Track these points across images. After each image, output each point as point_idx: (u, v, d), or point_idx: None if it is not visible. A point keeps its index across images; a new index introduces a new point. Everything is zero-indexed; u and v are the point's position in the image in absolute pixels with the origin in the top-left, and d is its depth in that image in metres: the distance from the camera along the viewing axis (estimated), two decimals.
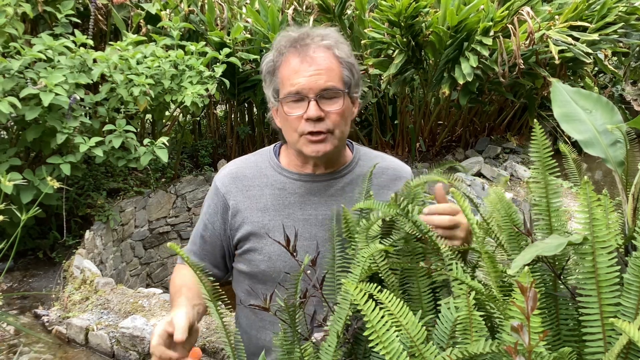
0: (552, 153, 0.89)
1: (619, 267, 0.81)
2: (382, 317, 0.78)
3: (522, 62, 4.46)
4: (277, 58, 1.26)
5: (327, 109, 1.23)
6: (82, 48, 3.32)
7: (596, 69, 6.32)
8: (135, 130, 3.45)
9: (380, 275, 1.03)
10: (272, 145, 1.44)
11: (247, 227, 1.33)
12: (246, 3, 5.30)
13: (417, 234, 1.06)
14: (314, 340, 0.98)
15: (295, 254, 1.04)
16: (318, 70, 1.21)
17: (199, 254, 1.40)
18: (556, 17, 4.96)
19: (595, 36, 4.76)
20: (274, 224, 1.31)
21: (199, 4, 4.93)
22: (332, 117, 1.24)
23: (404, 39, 4.42)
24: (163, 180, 4.76)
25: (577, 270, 0.89)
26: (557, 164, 0.89)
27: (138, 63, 3.49)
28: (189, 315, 1.13)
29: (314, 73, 1.21)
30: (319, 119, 1.22)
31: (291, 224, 1.29)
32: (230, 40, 4.43)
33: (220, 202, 1.36)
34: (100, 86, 3.59)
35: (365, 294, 0.80)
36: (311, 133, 1.23)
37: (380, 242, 1.05)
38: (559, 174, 0.89)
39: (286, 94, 1.23)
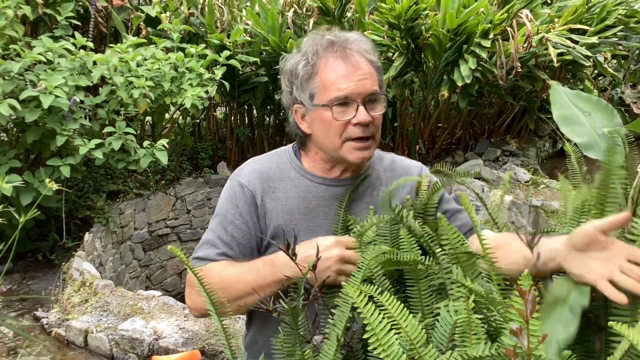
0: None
1: None
2: (382, 320, 0.78)
3: (519, 65, 4.47)
4: (315, 61, 1.23)
5: (372, 113, 1.22)
6: (82, 50, 3.32)
7: (596, 71, 6.33)
8: (135, 133, 3.45)
9: (373, 279, 1.03)
10: (290, 146, 1.39)
11: (274, 230, 1.28)
12: (246, 6, 5.31)
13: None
14: (315, 343, 0.98)
15: (295, 257, 1.04)
16: (364, 74, 1.21)
17: (236, 258, 1.26)
18: (556, 20, 4.97)
19: (594, 39, 4.76)
20: (300, 227, 1.27)
21: (199, 6, 4.93)
22: (376, 122, 1.24)
23: (404, 42, 4.42)
24: (163, 182, 4.76)
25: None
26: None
27: (138, 65, 3.49)
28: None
29: (361, 78, 1.20)
30: (367, 124, 1.22)
31: (316, 228, 1.26)
32: (230, 42, 4.43)
33: (250, 200, 1.29)
34: (100, 88, 3.59)
35: (365, 296, 0.80)
36: (359, 139, 1.22)
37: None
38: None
39: (333, 98, 1.21)
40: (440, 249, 1.02)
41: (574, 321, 0.80)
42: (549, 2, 5.76)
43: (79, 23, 3.74)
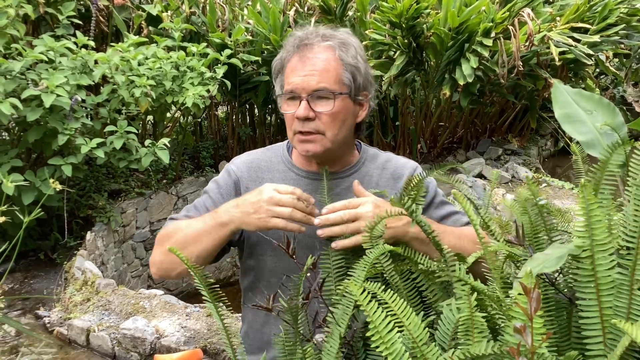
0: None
1: (618, 269, 0.81)
2: (385, 317, 0.78)
3: (521, 64, 4.46)
4: (284, 57, 1.30)
5: (318, 109, 1.24)
6: (83, 49, 3.32)
7: (597, 70, 6.31)
8: (136, 132, 3.45)
9: (385, 275, 1.03)
10: (286, 141, 1.44)
11: None
12: (248, 4, 5.30)
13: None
14: (315, 342, 0.98)
15: (295, 256, 1.04)
16: (312, 70, 1.23)
17: None
18: (557, 18, 4.96)
19: (596, 38, 4.75)
20: None
21: (201, 5, 4.93)
22: (323, 118, 1.25)
23: (405, 41, 4.42)
24: (164, 181, 4.76)
25: (576, 274, 0.89)
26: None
27: (139, 64, 3.49)
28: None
29: (308, 73, 1.23)
30: (307, 119, 1.24)
31: None
32: (231, 41, 4.43)
33: (232, 185, 1.37)
34: (101, 87, 3.59)
35: (368, 294, 0.80)
36: (301, 132, 1.26)
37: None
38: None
39: (284, 92, 1.27)
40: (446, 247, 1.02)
41: None
42: (551, 0, 5.75)
43: (80, 22, 3.74)
